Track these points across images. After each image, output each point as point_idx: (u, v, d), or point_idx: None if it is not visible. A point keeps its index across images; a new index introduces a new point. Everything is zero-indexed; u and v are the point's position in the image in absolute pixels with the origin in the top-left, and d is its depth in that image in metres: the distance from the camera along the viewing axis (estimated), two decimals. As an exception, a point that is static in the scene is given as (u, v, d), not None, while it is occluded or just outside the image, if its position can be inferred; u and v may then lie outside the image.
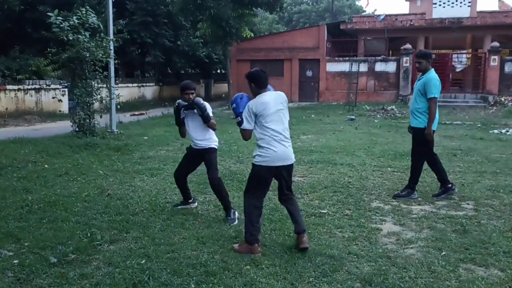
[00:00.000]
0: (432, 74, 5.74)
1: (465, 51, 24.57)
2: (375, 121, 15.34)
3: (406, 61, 22.07)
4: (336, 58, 23.81)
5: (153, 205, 5.45)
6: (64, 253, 3.96)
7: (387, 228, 4.77)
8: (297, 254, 4.03)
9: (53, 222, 4.80)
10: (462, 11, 23.18)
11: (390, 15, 27.29)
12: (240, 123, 4.15)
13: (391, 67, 22.66)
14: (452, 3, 23.49)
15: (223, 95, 25.99)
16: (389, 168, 7.71)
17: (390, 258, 3.96)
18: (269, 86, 4.33)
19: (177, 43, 24.73)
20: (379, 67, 22.75)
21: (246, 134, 4.19)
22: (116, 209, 5.28)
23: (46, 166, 7.51)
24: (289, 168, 4.32)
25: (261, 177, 4.21)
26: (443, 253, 4.07)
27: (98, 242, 4.23)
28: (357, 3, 60.70)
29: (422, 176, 6.99)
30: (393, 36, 24.44)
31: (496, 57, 21.06)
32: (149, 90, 24.89)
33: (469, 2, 23.30)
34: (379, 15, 28.50)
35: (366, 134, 11.91)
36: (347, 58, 23.33)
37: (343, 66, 23.01)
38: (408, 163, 7.85)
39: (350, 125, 14.19)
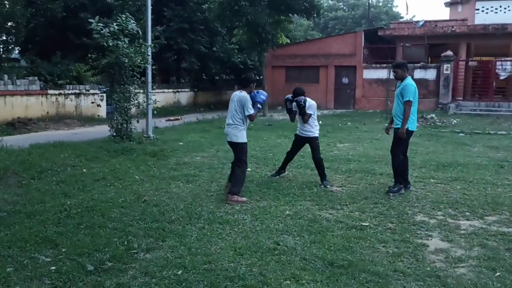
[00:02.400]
0: (409, 80, 6.49)
1: (509, 59, 23.62)
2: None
3: (447, 68, 21.41)
4: (373, 65, 23.36)
5: (189, 213, 5.36)
6: (101, 261, 3.90)
7: (434, 244, 4.50)
8: (339, 269, 3.84)
9: (91, 228, 4.78)
10: (506, 17, 22.34)
11: (429, 21, 26.61)
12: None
13: (430, 74, 22.04)
14: (496, 9, 22.69)
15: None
16: (431, 180, 7.37)
17: (440, 278, 3.71)
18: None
19: (213, 49, 24.87)
20: (418, 74, 22.14)
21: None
22: (153, 216, 5.23)
23: (84, 170, 7.58)
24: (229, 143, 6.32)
25: None
26: (498, 273, 3.79)
27: (134, 251, 4.16)
28: (394, 9, 59.80)
29: (468, 189, 6.69)
30: (433, 42, 23.77)
31: (542, 64, 20.14)
32: (184, 96, 25.11)
33: (514, 8, 22.45)
34: (418, 21, 27.84)
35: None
36: (384, 65, 22.84)
37: (380, 73, 22.54)
38: (453, 175, 7.56)
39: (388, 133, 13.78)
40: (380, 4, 59.70)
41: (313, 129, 7.03)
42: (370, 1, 47.58)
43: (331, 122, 17.16)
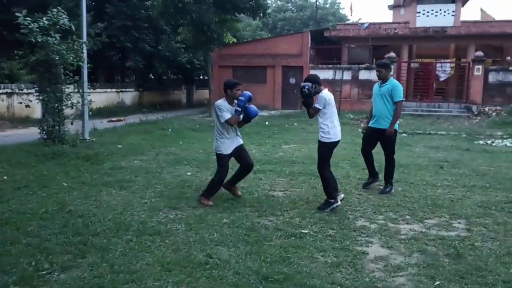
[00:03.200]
0: (395, 81, 6.62)
1: (448, 60, 24.53)
2: (358, 130, 14.96)
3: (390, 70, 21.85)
4: (320, 66, 23.50)
5: (117, 224, 4.92)
6: (4, 285, 3.42)
7: (374, 251, 4.33)
8: (274, 284, 3.56)
9: (1, 244, 4.25)
10: (446, 21, 23.15)
11: (374, 24, 27.19)
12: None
13: (375, 75, 22.37)
14: (436, 12, 23.45)
15: (205, 101, 25.45)
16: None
17: (378, 289, 3.52)
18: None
19: (158, 48, 24.21)
20: (363, 75, 22.51)
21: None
22: (75, 228, 4.75)
23: (5, 177, 6.91)
24: None
25: None
26: (437, 282, 3.64)
27: (46, 271, 3.70)
28: (341, 11, 61.02)
29: (409, 191, 6.65)
30: (377, 44, 24.26)
31: (480, 66, 20.98)
32: (129, 96, 24.25)
33: (453, 12, 23.29)
34: (363, 23, 28.39)
35: (350, 144, 11.51)
36: (331, 65, 23.05)
37: (327, 74, 22.67)
38: (395, 176, 7.50)
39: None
40: (328, 6, 60.75)
41: (323, 130, 5.65)
42: (317, 3, 48.17)
43: (278, 122, 17.06)
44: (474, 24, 24.54)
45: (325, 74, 22.76)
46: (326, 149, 5.68)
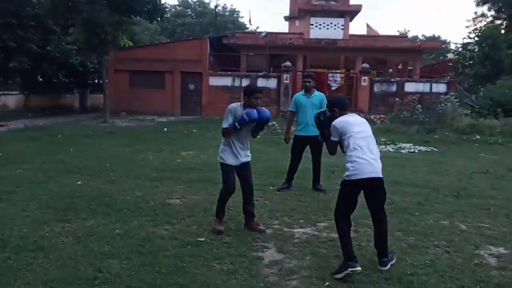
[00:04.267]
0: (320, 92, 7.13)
1: (339, 71, 26.14)
2: (258, 136, 15.24)
3: (287, 78, 22.70)
4: (219, 72, 23.69)
5: (-7, 241, 4.45)
6: None
7: (269, 256, 4.41)
8: (168, 296, 3.45)
9: None
10: (336, 33, 24.67)
11: (271, 33, 28.10)
12: None
13: (272, 83, 23.13)
14: (328, 25, 24.89)
15: (101, 107, 24.26)
16: (270, 187, 7.46)
17: (272, 294, 3.58)
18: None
19: (47, 48, 22.61)
20: (261, 82, 23.09)
21: None
22: None
23: None
24: None
25: None
26: (327, 283, 3.80)
27: None
28: (240, 19, 62.22)
29: (303, 196, 6.90)
30: (274, 53, 25.09)
31: (366, 77, 22.66)
32: (12, 99, 22.30)
33: (342, 25, 24.88)
34: (261, 32, 29.22)
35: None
36: (229, 72, 23.32)
37: (226, 81, 22.95)
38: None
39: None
40: (227, 13, 61.59)
41: (346, 165, 4.13)
42: (217, 10, 48.61)
43: (177, 129, 16.81)
44: (361, 38, 26.52)
45: (224, 81, 23.03)
46: (342, 189, 4.24)
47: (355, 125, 4.14)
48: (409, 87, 22.96)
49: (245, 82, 22.26)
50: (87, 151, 10.81)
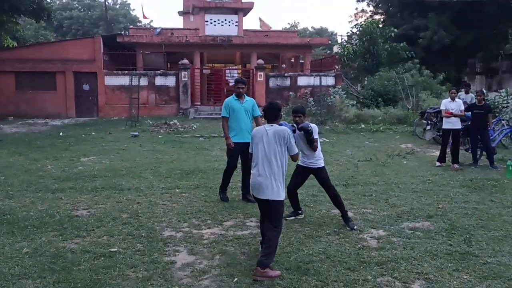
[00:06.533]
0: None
1: (236, 67, 26.80)
2: (159, 136, 15.34)
3: (185, 76, 22.80)
4: (115, 72, 23.03)
5: None
6: None
7: (181, 259, 4.73)
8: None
9: None
10: (230, 30, 25.21)
11: (166, 29, 27.88)
12: None
13: (170, 81, 23.07)
14: (222, 22, 25.34)
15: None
16: (177, 190, 7.70)
17: (187, 295, 3.93)
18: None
19: None
20: (159, 81, 22.92)
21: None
22: None
23: None
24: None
25: None
26: (236, 279, 4.24)
27: None
28: (132, 12, 60.39)
29: (208, 196, 7.27)
30: (171, 51, 24.98)
31: (261, 73, 23.55)
32: None
33: (236, 22, 25.49)
34: (155, 28, 28.81)
35: (151, 152, 11.78)
36: (126, 71, 22.80)
37: (123, 80, 22.40)
38: (195, 182, 8.14)
39: (134, 142, 13.84)
40: (118, 6, 59.42)
41: (321, 156, 5.94)
42: (106, 3, 46.67)
43: (74, 132, 16.17)
44: (254, 34, 27.37)
45: (121, 80, 22.49)
46: (326, 171, 6.09)
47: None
48: (302, 81, 24.29)
49: (143, 81, 21.96)
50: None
